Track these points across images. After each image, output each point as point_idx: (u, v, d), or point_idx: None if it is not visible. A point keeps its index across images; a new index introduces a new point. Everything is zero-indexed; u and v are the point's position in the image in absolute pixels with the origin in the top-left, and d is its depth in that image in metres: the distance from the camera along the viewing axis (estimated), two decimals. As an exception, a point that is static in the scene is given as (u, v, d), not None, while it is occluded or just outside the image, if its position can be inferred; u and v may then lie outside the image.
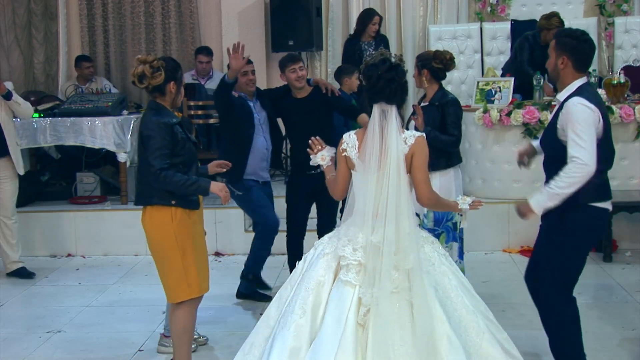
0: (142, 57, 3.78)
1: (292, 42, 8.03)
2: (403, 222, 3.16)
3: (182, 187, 3.76)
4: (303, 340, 3.11)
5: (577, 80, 3.64)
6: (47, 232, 6.95)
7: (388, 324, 3.04)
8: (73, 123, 7.11)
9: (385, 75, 3.19)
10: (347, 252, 3.19)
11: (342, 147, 3.33)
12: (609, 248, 6.29)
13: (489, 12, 8.53)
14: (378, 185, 3.17)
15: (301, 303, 3.17)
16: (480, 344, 3.17)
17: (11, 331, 5.03)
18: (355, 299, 3.12)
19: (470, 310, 3.23)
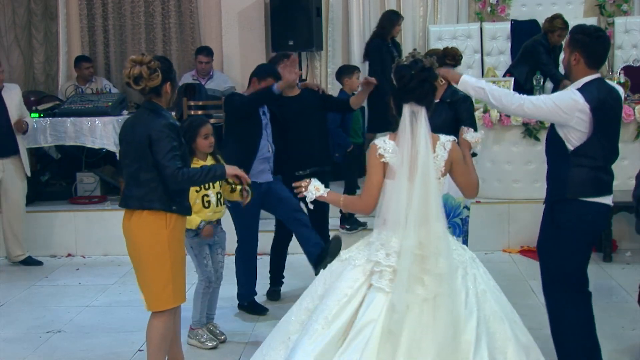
0: (137, 58, 3.66)
1: (292, 42, 8.03)
2: (434, 226, 3.13)
3: (201, 179, 3.70)
4: (325, 349, 3.08)
5: (587, 77, 3.65)
6: (47, 232, 6.95)
7: (419, 329, 3.02)
8: (73, 123, 7.13)
9: (418, 75, 3.19)
10: (380, 257, 3.16)
11: (379, 152, 3.21)
12: (609, 248, 6.30)
13: (489, 12, 8.53)
14: (409, 188, 3.14)
15: (326, 313, 3.14)
16: (506, 352, 3.15)
17: (11, 331, 5.03)
18: (386, 307, 3.07)
19: (497, 317, 3.20)
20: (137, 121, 3.77)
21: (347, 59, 8.59)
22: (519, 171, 6.67)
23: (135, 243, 3.74)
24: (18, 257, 6.60)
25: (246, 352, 4.57)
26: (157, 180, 3.65)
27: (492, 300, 3.23)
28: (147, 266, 3.74)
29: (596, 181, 3.66)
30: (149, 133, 3.62)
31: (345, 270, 3.24)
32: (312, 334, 3.11)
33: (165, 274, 3.72)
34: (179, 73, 8.65)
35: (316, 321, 3.14)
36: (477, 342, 3.06)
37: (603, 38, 3.70)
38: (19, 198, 6.52)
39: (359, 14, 8.61)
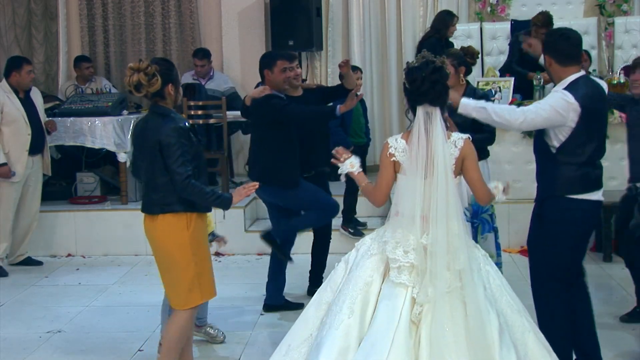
0: (134, 65, 3.66)
1: (292, 42, 8.03)
2: (452, 224, 3.19)
3: (206, 199, 3.69)
4: (351, 340, 3.13)
5: (571, 76, 3.74)
6: (47, 232, 6.95)
7: (442, 322, 3.07)
8: (73, 123, 7.14)
9: (430, 77, 3.22)
10: (399, 254, 3.20)
11: (390, 151, 3.29)
12: (609, 248, 6.29)
13: (489, 12, 8.53)
14: (426, 188, 3.19)
15: (349, 303, 3.18)
16: (526, 343, 3.23)
17: (11, 331, 5.03)
18: (409, 299, 3.14)
19: (514, 310, 3.28)
20: (146, 126, 3.77)
21: (347, 59, 8.58)
22: (519, 171, 6.67)
23: (159, 245, 3.76)
24: (18, 257, 6.60)
25: (246, 352, 4.57)
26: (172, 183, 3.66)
27: (507, 294, 3.31)
28: (172, 267, 3.75)
29: (584, 178, 3.73)
30: (158, 138, 3.62)
31: (362, 260, 3.30)
32: (338, 325, 3.15)
33: (190, 273, 3.72)
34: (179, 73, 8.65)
35: (340, 312, 3.17)
36: (501, 332, 3.12)
37: (570, 37, 3.78)
38: (39, 196, 6.66)
39: (359, 14, 8.61)
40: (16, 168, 6.30)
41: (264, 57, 5.11)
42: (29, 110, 6.41)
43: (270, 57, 5.08)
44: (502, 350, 3.08)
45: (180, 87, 3.88)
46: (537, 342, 3.28)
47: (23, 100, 6.39)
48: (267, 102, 4.86)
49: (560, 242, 3.74)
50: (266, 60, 5.03)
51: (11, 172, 6.26)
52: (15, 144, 6.30)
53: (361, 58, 8.54)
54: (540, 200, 3.84)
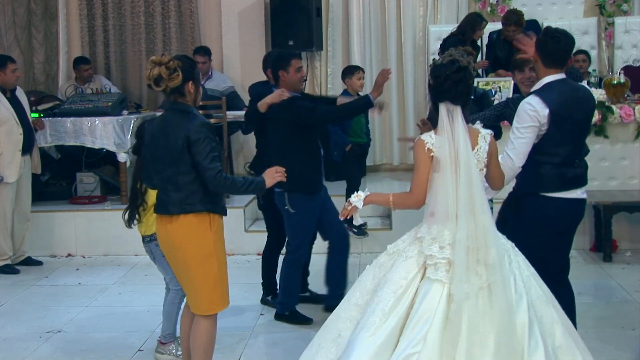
0: (156, 59, 3.55)
1: (292, 42, 8.03)
2: (481, 218, 3.20)
3: (242, 188, 3.64)
4: (383, 341, 3.12)
5: (548, 77, 3.81)
6: (47, 232, 6.95)
7: (477, 316, 3.09)
8: (73, 123, 7.14)
9: (453, 76, 3.24)
10: (434, 250, 3.20)
11: (427, 147, 3.26)
12: (609, 248, 6.29)
13: (489, 12, 8.53)
14: (454, 184, 3.21)
15: (383, 306, 3.17)
16: (555, 334, 3.25)
17: (11, 331, 5.03)
18: (445, 296, 3.14)
19: (543, 300, 3.29)
20: (167, 124, 3.63)
21: (347, 59, 8.59)
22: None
23: (180, 248, 3.62)
24: (18, 257, 6.60)
25: (246, 352, 4.57)
26: (197, 182, 3.55)
27: (536, 285, 3.31)
28: (195, 270, 3.63)
29: (560, 177, 3.79)
30: (187, 134, 3.51)
31: (397, 263, 3.30)
32: (370, 327, 3.15)
33: (214, 276, 3.64)
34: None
35: (372, 314, 3.17)
36: (530, 325, 3.13)
37: (561, 40, 3.82)
38: (30, 195, 6.63)
39: (359, 14, 8.61)
40: (10, 169, 6.27)
41: (278, 58, 4.91)
42: (17, 109, 6.37)
43: (284, 57, 4.89)
44: (530, 345, 3.09)
45: (200, 88, 3.79)
46: (565, 332, 3.29)
47: (10, 100, 6.34)
48: (293, 105, 4.69)
49: (536, 238, 3.78)
50: (281, 60, 4.83)
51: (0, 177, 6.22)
52: (8, 145, 6.26)
53: (361, 58, 8.53)
54: (517, 197, 3.94)
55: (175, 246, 3.63)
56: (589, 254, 6.51)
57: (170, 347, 4.40)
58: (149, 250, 4.36)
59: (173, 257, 3.71)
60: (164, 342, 4.41)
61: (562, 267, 4.01)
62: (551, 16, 8.39)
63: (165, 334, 4.40)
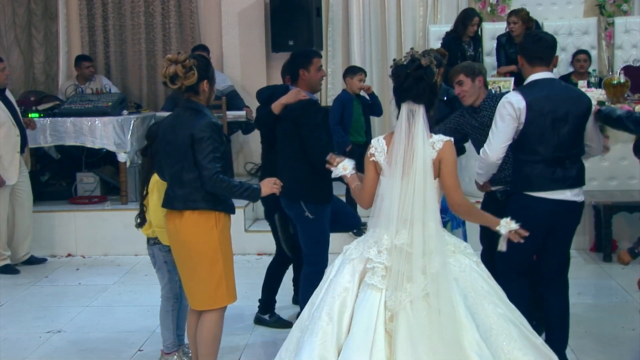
0: (172, 57, 3.60)
1: (292, 42, 8.03)
2: (429, 225, 3.13)
3: (236, 193, 3.64)
4: (330, 348, 3.08)
5: (533, 75, 3.87)
6: (47, 232, 6.95)
7: (416, 331, 3.00)
8: (73, 123, 7.14)
9: (413, 73, 3.20)
10: (372, 254, 3.17)
11: (370, 151, 3.30)
12: (609, 248, 6.29)
13: (489, 12, 8.53)
14: (403, 188, 3.15)
15: (328, 309, 3.14)
16: (512, 352, 3.13)
17: (11, 331, 5.03)
18: (382, 304, 3.08)
19: (502, 317, 3.18)
20: (177, 121, 3.71)
21: (347, 59, 8.59)
22: None
23: (186, 244, 3.69)
24: (22, 257, 6.62)
25: (246, 352, 4.57)
26: (200, 180, 3.61)
27: (495, 302, 3.20)
28: (200, 266, 3.69)
29: (544, 176, 3.78)
30: (191, 132, 3.57)
31: (342, 265, 3.28)
32: (317, 332, 3.12)
33: (218, 272, 3.69)
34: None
35: (319, 318, 3.14)
36: (480, 345, 3.02)
37: (539, 36, 3.95)
38: (30, 194, 6.65)
39: (359, 14, 8.61)
40: (10, 171, 6.27)
41: (300, 56, 4.63)
42: (11, 110, 6.36)
43: (306, 54, 4.63)
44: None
45: (215, 87, 3.81)
46: (525, 351, 3.14)
47: (2, 101, 6.31)
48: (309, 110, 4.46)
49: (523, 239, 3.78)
50: (302, 58, 4.57)
51: (3, 181, 6.23)
52: (6, 147, 6.26)
53: (361, 58, 8.54)
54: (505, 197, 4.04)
55: (181, 241, 3.71)
56: (589, 254, 6.51)
57: (174, 358, 4.31)
58: (151, 254, 4.32)
59: (180, 252, 3.76)
60: (167, 352, 4.31)
61: (553, 272, 3.97)
62: (551, 16, 8.39)
63: (167, 344, 4.31)
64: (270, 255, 5.62)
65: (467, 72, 4.37)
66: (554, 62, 4.00)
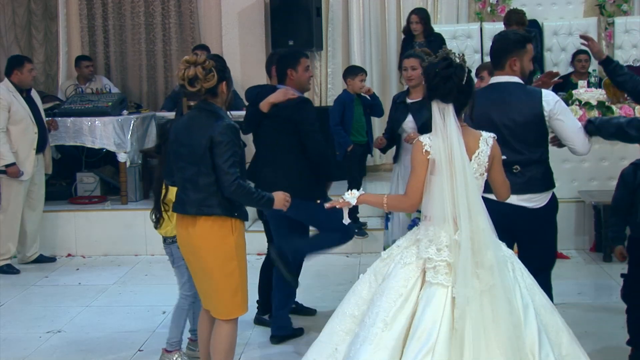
0: (191, 59, 3.48)
1: (292, 42, 8.04)
2: (478, 220, 3.11)
3: (253, 200, 3.53)
4: (387, 353, 3.02)
5: (493, 78, 3.96)
6: (47, 232, 6.95)
7: (482, 323, 3.00)
8: (73, 123, 7.16)
9: (442, 72, 3.16)
10: (432, 253, 3.12)
11: (425, 149, 3.17)
12: (609, 248, 6.28)
13: (489, 12, 8.54)
14: (450, 186, 3.13)
15: (383, 316, 3.06)
16: (561, 342, 3.18)
17: (11, 331, 5.03)
18: (449, 301, 3.05)
19: (548, 309, 3.23)
20: (193, 122, 3.57)
21: (347, 59, 8.59)
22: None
23: (201, 251, 3.56)
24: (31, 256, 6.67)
25: (246, 352, 4.57)
26: (217, 184, 3.48)
27: (539, 292, 3.25)
28: (216, 274, 3.56)
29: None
30: (211, 135, 3.44)
31: (395, 270, 3.19)
32: (372, 339, 3.04)
33: (235, 280, 3.57)
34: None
35: (373, 325, 3.06)
36: (540, 335, 3.06)
37: (495, 40, 3.95)
38: (43, 194, 6.73)
39: (359, 14, 8.62)
40: (25, 167, 6.37)
41: (287, 56, 4.68)
42: (33, 109, 6.48)
43: (293, 55, 4.68)
44: (542, 355, 3.02)
45: (232, 89, 3.72)
46: (571, 341, 3.23)
47: (26, 100, 6.45)
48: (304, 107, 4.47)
49: None
50: (289, 58, 4.62)
51: (20, 171, 6.31)
52: (23, 143, 6.36)
53: (361, 58, 8.54)
54: None
55: (197, 249, 3.57)
56: (589, 254, 6.51)
57: (175, 356, 4.27)
58: (169, 252, 4.26)
59: (194, 260, 3.64)
60: (169, 350, 4.27)
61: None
62: (551, 16, 8.39)
63: (172, 342, 4.27)
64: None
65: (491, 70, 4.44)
66: (512, 64, 3.85)
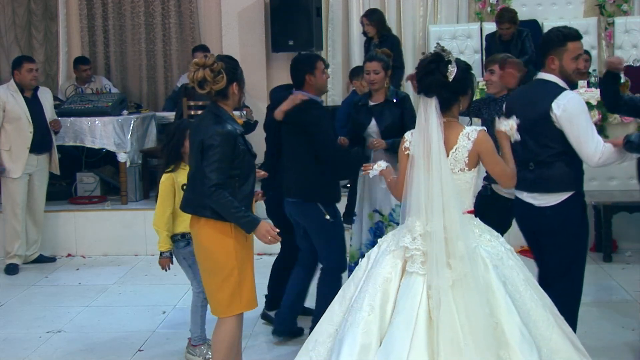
0: (200, 61, 3.50)
1: (292, 42, 8.03)
2: (451, 212, 3.16)
3: (231, 214, 3.49)
4: (372, 337, 3.11)
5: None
6: (47, 232, 6.95)
7: (455, 315, 3.04)
8: (73, 123, 7.15)
9: (426, 66, 3.24)
10: (407, 241, 3.20)
11: (405, 145, 3.35)
12: (609, 248, 6.29)
13: (489, 12, 8.52)
14: (425, 177, 3.19)
15: (369, 300, 3.16)
16: (550, 337, 3.21)
17: (11, 331, 5.03)
18: (425, 291, 3.12)
19: (539, 305, 3.25)
20: (199, 124, 3.65)
21: (347, 59, 8.60)
22: None
23: (203, 248, 3.64)
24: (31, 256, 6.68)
25: (247, 352, 4.56)
26: None
27: (531, 289, 3.27)
28: (214, 273, 3.62)
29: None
30: (202, 138, 3.50)
31: (382, 256, 3.29)
32: (359, 322, 3.13)
33: (233, 280, 3.60)
34: (178, 73, 8.66)
35: (360, 309, 3.16)
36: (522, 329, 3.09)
37: (542, 35, 4.06)
38: (44, 194, 6.73)
39: (359, 14, 8.56)
40: (16, 164, 6.39)
41: (303, 61, 4.62)
42: (34, 109, 6.47)
43: (309, 59, 4.64)
44: (523, 346, 3.05)
45: (244, 89, 3.73)
46: (563, 337, 3.26)
47: (29, 99, 6.46)
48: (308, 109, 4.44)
49: None
50: (306, 64, 4.57)
51: (3, 166, 6.35)
52: (16, 142, 6.39)
53: (361, 58, 8.51)
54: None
55: (200, 245, 3.66)
56: (589, 254, 6.47)
57: (202, 349, 4.38)
58: (174, 251, 4.34)
59: (198, 255, 3.73)
60: (194, 344, 4.40)
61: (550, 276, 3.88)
62: (551, 16, 8.38)
63: (195, 337, 4.40)
64: (271, 255, 5.63)
65: (501, 64, 4.46)
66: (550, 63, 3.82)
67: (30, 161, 6.46)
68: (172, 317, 5.20)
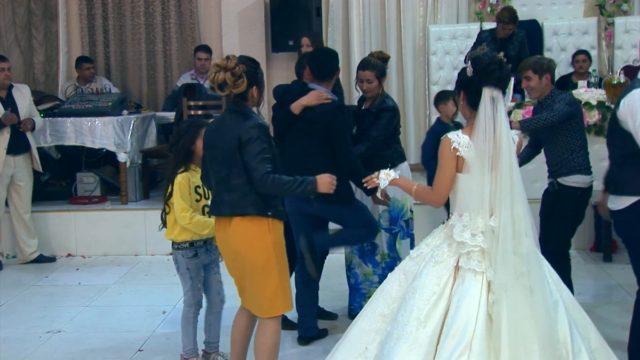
0: (221, 63, 3.47)
1: (292, 42, 8.02)
2: (517, 207, 3.09)
3: (290, 189, 3.47)
4: (422, 350, 3.01)
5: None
6: (47, 232, 6.95)
7: (519, 313, 2.97)
8: (73, 123, 7.15)
9: (496, 59, 3.18)
10: (466, 237, 3.10)
11: (453, 146, 3.14)
12: (609, 248, 6.29)
13: (489, 12, 8.51)
14: (493, 181, 3.09)
15: (417, 314, 3.06)
16: (590, 337, 3.21)
17: (11, 331, 5.03)
18: (485, 287, 3.03)
19: (575, 304, 3.25)
20: (223, 124, 3.59)
21: (347, 59, 8.58)
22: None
23: (239, 252, 3.57)
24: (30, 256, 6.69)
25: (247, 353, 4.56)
26: (249, 184, 3.48)
27: (565, 288, 3.26)
28: (256, 274, 3.56)
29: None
30: (239, 135, 3.45)
31: (427, 268, 3.17)
32: (407, 337, 3.02)
33: (275, 278, 3.56)
34: (178, 73, 8.67)
35: (407, 323, 3.05)
36: (571, 329, 3.07)
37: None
38: (27, 196, 6.66)
39: (359, 14, 8.61)
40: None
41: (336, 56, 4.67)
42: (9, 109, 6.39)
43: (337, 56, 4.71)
44: (574, 347, 3.03)
45: (263, 92, 3.69)
46: (598, 335, 3.26)
47: (3, 100, 6.39)
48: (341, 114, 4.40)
49: None
50: (337, 60, 4.65)
51: None
52: None
53: (361, 58, 8.50)
54: None
55: (234, 250, 3.59)
56: (589, 254, 6.51)
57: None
58: (175, 259, 4.22)
59: (232, 261, 3.65)
60: (186, 358, 4.28)
61: None
62: (551, 16, 8.39)
63: (186, 350, 4.28)
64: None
65: (535, 68, 4.49)
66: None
67: (7, 162, 6.38)
68: (172, 317, 5.20)
